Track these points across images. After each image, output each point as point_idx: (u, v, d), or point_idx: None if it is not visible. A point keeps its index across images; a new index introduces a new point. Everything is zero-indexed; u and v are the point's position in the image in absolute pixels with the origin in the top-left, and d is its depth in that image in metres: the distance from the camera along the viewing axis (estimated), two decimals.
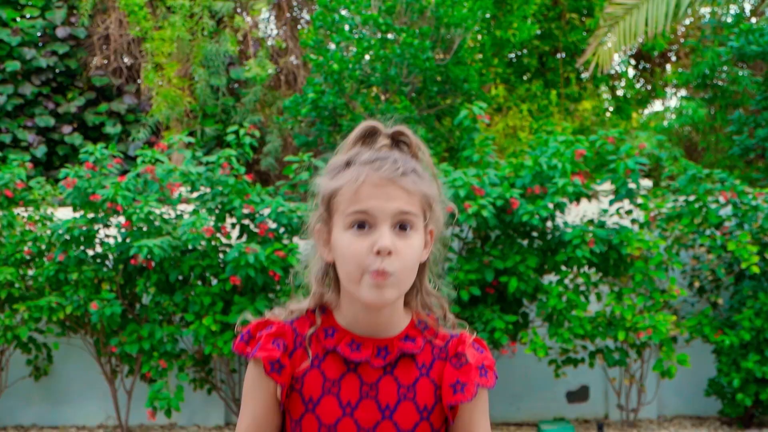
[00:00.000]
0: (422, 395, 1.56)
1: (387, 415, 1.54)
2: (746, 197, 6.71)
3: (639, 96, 13.23)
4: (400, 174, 1.53)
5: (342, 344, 1.56)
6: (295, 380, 1.56)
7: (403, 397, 1.55)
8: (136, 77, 12.09)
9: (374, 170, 1.53)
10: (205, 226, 6.22)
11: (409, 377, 1.56)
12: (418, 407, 1.55)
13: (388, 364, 1.55)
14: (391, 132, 1.62)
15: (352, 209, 1.52)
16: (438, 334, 1.61)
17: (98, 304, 6.27)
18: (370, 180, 1.53)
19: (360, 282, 1.51)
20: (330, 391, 1.55)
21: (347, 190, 1.53)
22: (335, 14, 8.06)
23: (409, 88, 7.87)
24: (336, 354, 1.56)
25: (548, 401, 7.23)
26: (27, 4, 11.64)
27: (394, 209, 1.52)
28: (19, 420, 7.24)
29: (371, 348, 1.55)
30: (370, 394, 1.54)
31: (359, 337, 1.56)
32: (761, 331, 6.56)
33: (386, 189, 1.53)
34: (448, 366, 1.58)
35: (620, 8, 9.03)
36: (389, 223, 1.52)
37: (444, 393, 1.56)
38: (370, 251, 1.50)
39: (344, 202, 1.53)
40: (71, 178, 6.43)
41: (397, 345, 1.56)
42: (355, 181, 1.53)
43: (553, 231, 6.62)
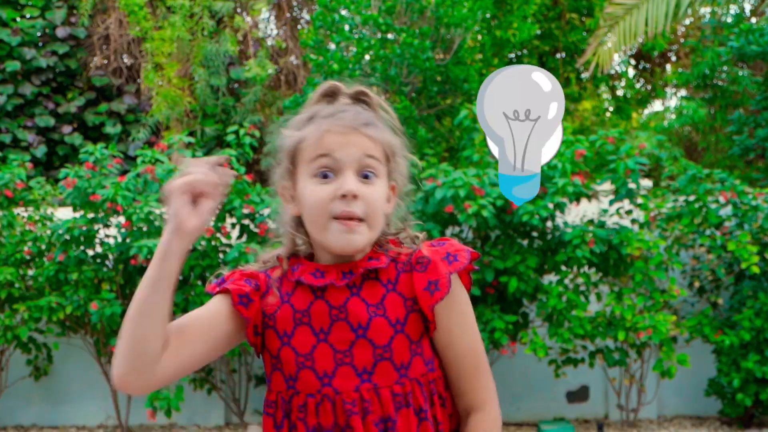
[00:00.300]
0: (392, 309, 1.56)
1: (360, 333, 1.55)
2: (746, 197, 6.71)
3: (639, 96, 13.23)
4: (362, 123, 1.58)
5: (306, 274, 1.58)
6: (268, 318, 1.58)
7: (373, 314, 1.56)
8: (136, 77, 12.08)
9: (337, 120, 1.58)
10: (205, 226, 6.21)
11: (376, 295, 1.57)
12: (390, 321, 1.56)
13: (354, 285, 1.57)
14: (352, 91, 1.66)
15: (315, 154, 1.56)
16: (401, 252, 1.61)
17: (98, 304, 6.27)
18: (334, 129, 1.57)
19: (328, 229, 1.54)
20: (301, 321, 1.57)
21: (311, 139, 1.57)
22: (335, 14, 8.07)
23: (409, 88, 7.87)
24: (303, 285, 1.58)
25: (548, 401, 7.23)
26: (27, 4, 11.64)
27: (357, 154, 1.56)
28: (19, 420, 7.24)
29: (334, 272, 1.57)
30: (340, 317, 1.56)
31: (323, 265, 1.59)
32: (761, 331, 6.56)
33: (349, 136, 1.57)
34: (415, 274, 1.58)
35: (620, 8, 9.03)
36: (353, 168, 1.55)
37: (421, 300, 1.56)
38: (334, 196, 1.54)
39: (308, 150, 1.57)
40: (71, 178, 6.43)
41: (361, 265, 1.58)
42: (318, 130, 1.57)
43: (553, 231, 6.62)
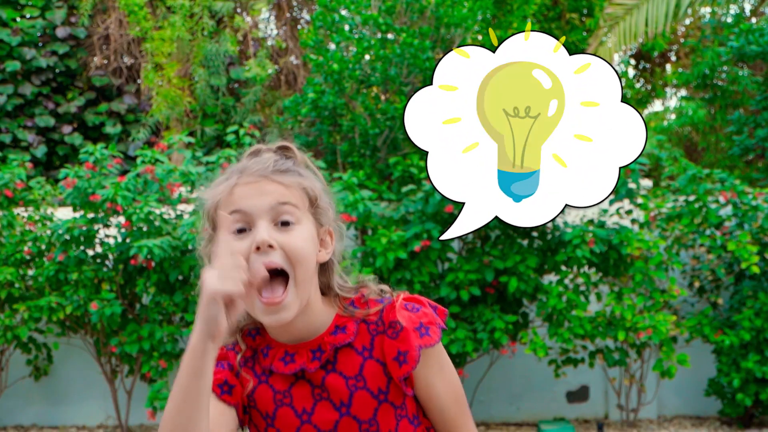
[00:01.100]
0: (372, 379, 1.51)
1: (344, 411, 1.50)
2: (746, 197, 6.71)
3: (639, 96, 13.23)
4: (272, 170, 1.50)
5: (276, 361, 1.52)
6: (249, 399, 1.54)
7: (353, 388, 1.51)
8: (136, 77, 12.08)
9: (245, 171, 1.51)
10: None
11: (353, 366, 1.51)
12: (372, 393, 1.51)
13: (328, 363, 1.51)
14: (276, 146, 1.59)
15: (228, 210, 1.48)
16: (370, 309, 1.54)
17: (98, 304, 6.27)
18: (242, 181, 1.50)
19: (254, 306, 1.46)
20: (282, 403, 1.52)
21: (223, 196, 1.51)
22: (335, 14, 8.06)
23: (409, 88, 7.86)
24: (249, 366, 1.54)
25: (548, 401, 7.23)
26: (27, 4, 11.63)
27: (269, 203, 1.48)
28: (19, 420, 7.24)
29: (304, 354, 1.51)
30: (322, 396, 1.51)
31: (292, 346, 1.52)
32: (761, 331, 6.56)
33: (260, 185, 1.49)
34: (386, 339, 1.51)
35: (620, 8, 9.03)
36: (267, 218, 1.47)
37: (391, 369, 1.51)
38: (249, 250, 1.45)
39: (223, 208, 1.50)
40: (71, 179, 6.43)
41: (327, 341, 1.51)
42: (227, 185, 1.51)
43: (553, 231, 6.62)
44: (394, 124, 7.46)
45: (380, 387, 1.52)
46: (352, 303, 1.56)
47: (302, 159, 1.59)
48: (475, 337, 6.31)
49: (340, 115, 8.02)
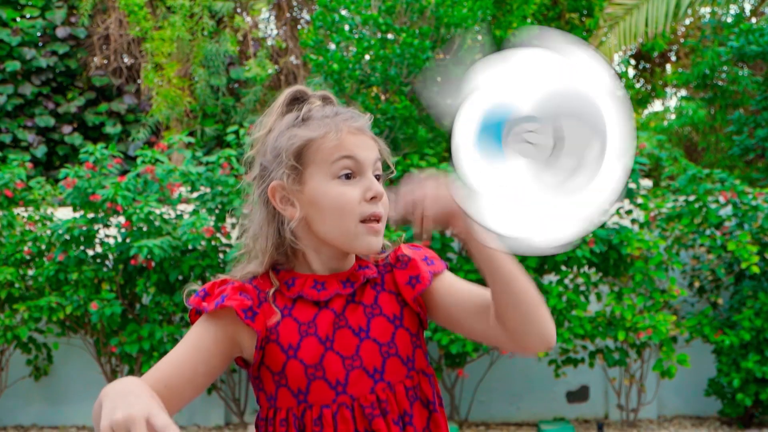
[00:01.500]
0: (387, 306, 1.58)
1: (363, 336, 1.55)
2: (746, 197, 6.71)
3: (639, 96, 13.23)
4: (367, 125, 1.59)
5: (306, 288, 1.56)
6: (269, 332, 1.54)
7: (370, 315, 1.57)
8: (136, 77, 12.09)
9: (347, 120, 1.56)
10: (205, 226, 6.22)
11: (369, 297, 1.58)
12: (388, 318, 1.58)
13: (350, 295, 1.58)
14: (320, 94, 1.64)
15: (337, 155, 1.53)
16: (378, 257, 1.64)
17: (98, 304, 6.27)
18: (349, 129, 1.55)
19: (354, 232, 1.54)
20: (308, 333, 1.54)
21: (331, 138, 1.53)
22: (335, 14, 8.06)
23: (409, 88, 7.86)
24: (304, 299, 1.56)
25: (548, 401, 7.23)
26: (27, 4, 11.64)
27: (374, 157, 1.57)
28: (19, 420, 7.24)
29: (335, 283, 1.57)
30: (340, 324, 1.55)
31: (320, 276, 1.58)
32: (761, 331, 6.56)
33: (363, 138, 1.57)
34: (396, 271, 1.61)
35: (620, 8, 9.04)
36: (371, 170, 1.56)
37: (404, 293, 1.59)
38: (363, 198, 1.53)
39: (325, 151, 1.53)
40: (71, 178, 6.43)
41: (358, 274, 1.58)
42: (336, 130, 1.54)
43: None
44: (394, 124, 7.46)
45: (395, 313, 1.58)
46: None
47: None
48: None
49: None
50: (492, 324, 1.54)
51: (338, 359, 1.53)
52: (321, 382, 1.53)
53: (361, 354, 1.54)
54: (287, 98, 1.63)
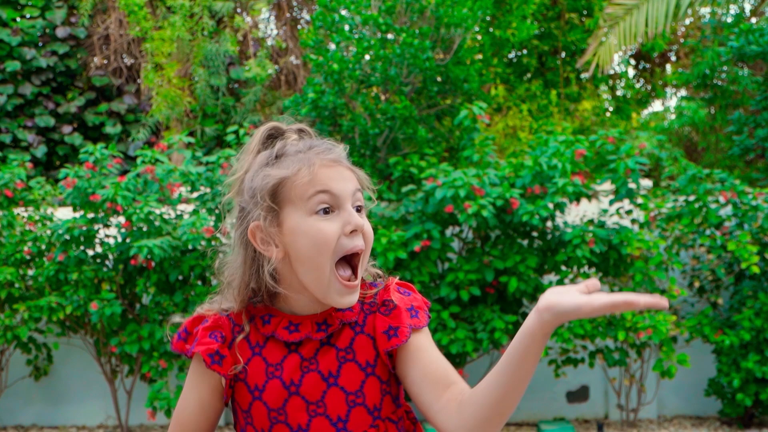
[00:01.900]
0: (361, 352, 1.54)
1: (332, 382, 1.52)
2: (746, 197, 6.71)
3: (639, 96, 13.24)
4: (343, 156, 1.55)
5: (279, 328, 1.54)
6: (235, 369, 1.54)
7: (342, 360, 1.53)
8: (136, 77, 12.09)
9: (321, 153, 1.53)
10: (205, 226, 6.22)
11: (345, 340, 1.54)
12: (360, 365, 1.53)
13: (327, 336, 1.54)
14: (296, 128, 1.62)
15: (313, 191, 1.49)
16: (367, 293, 1.59)
17: (98, 304, 6.27)
18: (322, 162, 1.51)
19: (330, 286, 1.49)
20: (273, 375, 1.53)
21: (304, 174, 1.50)
22: (335, 14, 8.06)
23: (409, 88, 7.86)
24: (275, 338, 1.54)
25: (548, 401, 7.23)
26: (27, 4, 11.64)
27: (352, 188, 1.53)
28: (19, 420, 7.24)
29: (309, 325, 1.54)
30: (311, 368, 1.52)
31: (296, 317, 1.54)
32: (761, 331, 6.56)
33: (338, 169, 1.53)
34: (378, 316, 1.56)
35: (620, 9, 9.03)
36: (350, 202, 1.52)
37: (379, 341, 1.54)
38: (342, 232, 1.49)
39: (302, 187, 1.50)
40: (71, 178, 6.43)
41: (336, 316, 1.54)
42: (309, 165, 1.50)
43: (553, 231, 6.62)
44: (394, 124, 7.46)
45: (368, 360, 1.54)
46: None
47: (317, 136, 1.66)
48: (475, 337, 6.31)
49: (340, 115, 8.02)
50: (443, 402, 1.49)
51: (302, 404, 1.51)
52: (283, 426, 1.51)
53: (326, 401, 1.51)
54: (262, 136, 1.59)
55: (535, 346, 1.41)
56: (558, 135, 6.84)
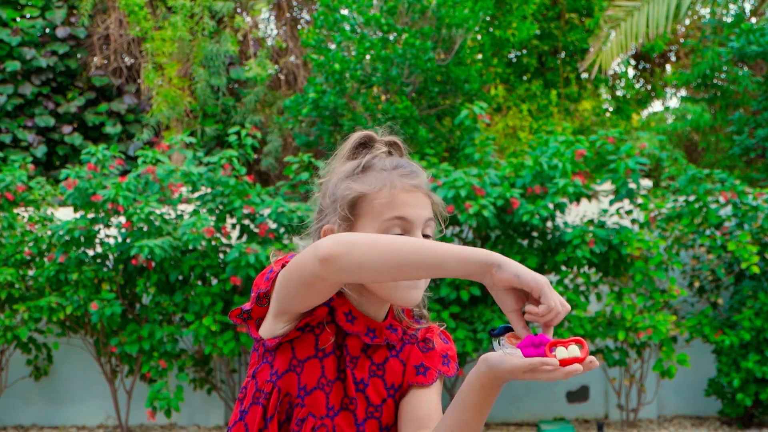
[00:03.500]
0: (391, 374, 1.62)
1: (361, 388, 1.59)
2: (746, 197, 6.71)
3: (639, 96, 13.24)
4: (424, 182, 1.61)
5: (339, 311, 1.58)
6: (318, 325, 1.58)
7: (373, 373, 1.60)
8: (136, 77, 12.09)
9: (404, 177, 1.59)
10: (206, 226, 6.22)
11: (380, 357, 1.62)
12: (386, 384, 1.61)
13: (368, 346, 1.61)
14: (387, 140, 1.68)
15: (391, 215, 1.56)
16: (410, 326, 1.67)
17: (98, 304, 6.27)
18: (404, 187, 1.57)
19: (396, 285, 1.55)
20: (334, 353, 1.58)
21: (384, 195, 1.56)
22: (337, 14, 8.07)
23: (410, 88, 7.87)
24: (331, 324, 1.59)
25: (548, 401, 7.23)
26: (27, 4, 11.64)
27: (425, 216, 1.58)
28: (19, 420, 7.24)
29: (363, 325, 1.59)
30: (350, 366, 1.59)
31: (355, 310, 1.60)
32: (761, 331, 6.56)
33: (417, 195, 1.58)
34: (415, 348, 1.64)
35: (621, 10, 9.05)
36: (420, 229, 1.57)
37: (407, 372, 1.62)
38: None
39: (379, 206, 1.56)
40: (72, 179, 6.43)
41: (385, 333, 1.61)
42: (391, 187, 1.57)
43: (553, 231, 6.62)
44: (395, 124, 7.47)
45: (394, 383, 1.63)
46: (402, 310, 1.68)
47: (405, 151, 1.69)
48: (475, 337, 6.31)
49: (341, 115, 8.03)
50: None
51: (324, 399, 1.57)
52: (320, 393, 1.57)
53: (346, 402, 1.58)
54: (354, 143, 1.66)
55: (474, 396, 1.46)
56: (558, 135, 6.84)
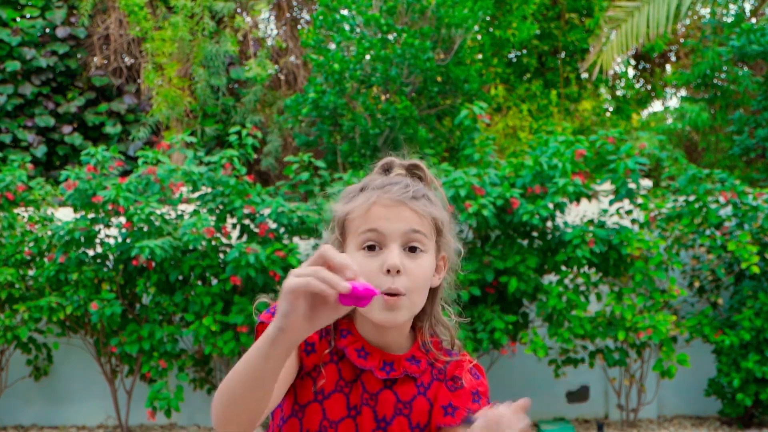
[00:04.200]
0: (417, 413, 1.59)
1: (382, 426, 1.57)
2: (746, 197, 6.71)
3: (639, 96, 13.24)
4: (410, 196, 1.57)
5: (350, 348, 1.57)
6: (314, 367, 1.57)
7: (399, 411, 1.58)
8: (136, 77, 12.09)
9: (385, 192, 1.57)
10: (206, 227, 6.22)
11: (407, 394, 1.59)
12: (411, 423, 1.58)
13: (391, 380, 1.58)
14: (407, 164, 1.66)
15: (362, 228, 1.55)
16: (439, 359, 1.63)
17: (98, 304, 6.27)
18: (381, 201, 1.56)
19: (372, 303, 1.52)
20: (342, 390, 1.57)
21: (358, 211, 1.57)
22: (336, 14, 8.06)
23: (409, 88, 7.87)
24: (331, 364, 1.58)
25: (548, 401, 7.23)
26: (27, 4, 11.64)
27: (403, 229, 1.55)
28: (19, 420, 7.24)
29: (378, 360, 1.58)
30: (369, 403, 1.57)
31: (369, 345, 1.58)
32: (761, 331, 6.56)
33: (397, 210, 1.56)
34: (443, 387, 1.61)
35: (621, 11, 9.04)
36: (398, 242, 1.55)
37: (435, 413, 1.60)
38: (380, 271, 1.52)
39: (355, 222, 1.56)
40: (72, 181, 6.42)
41: (403, 365, 1.59)
42: (366, 202, 1.56)
43: (553, 231, 6.62)
44: (395, 124, 7.47)
45: (420, 423, 1.60)
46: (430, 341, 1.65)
47: (431, 178, 1.66)
48: (475, 337, 6.31)
49: (340, 115, 8.03)
50: None
51: (354, 430, 1.56)
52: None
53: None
54: (377, 168, 1.67)
55: None
56: (558, 135, 6.84)
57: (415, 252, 1.56)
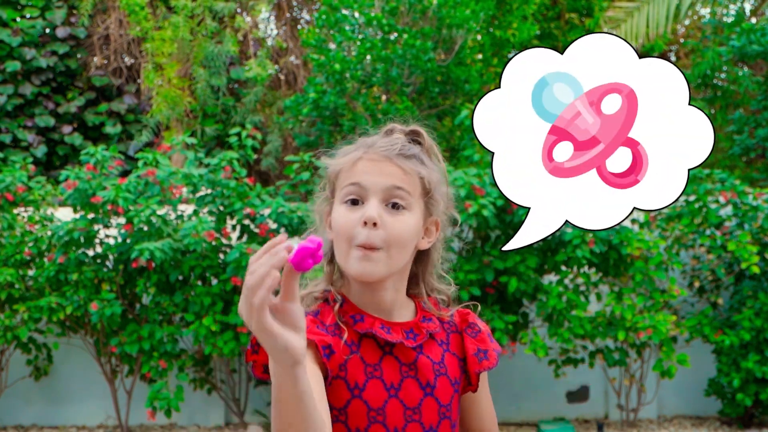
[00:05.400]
0: (451, 369, 1.62)
1: (428, 392, 1.58)
2: (746, 197, 6.71)
3: None
4: (397, 152, 1.57)
5: (376, 327, 1.57)
6: (340, 367, 1.54)
7: (438, 373, 1.60)
8: (136, 77, 12.08)
9: (374, 148, 1.59)
10: (207, 230, 6.21)
11: (437, 354, 1.61)
12: (451, 381, 1.61)
13: (419, 345, 1.59)
14: (408, 129, 1.67)
15: (347, 182, 1.57)
16: (441, 311, 1.67)
17: (98, 305, 6.27)
18: (367, 156, 1.58)
19: (348, 255, 1.54)
20: (373, 375, 1.55)
21: (346, 165, 1.58)
22: (338, 13, 8.06)
23: (410, 88, 7.87)
24: (369, 338, 1.57)
25: (548, 401, 7.23)
26: (27, 4, 11.63)
27: (386, 184, 1.55)
28: (19, 420, 7.24)
29: (400, 332, 1.58)
30: (410, 374, 1.57)
31: (387, 322, 1.59)
32: (761, 331, 6.56)
33: (381, 165, 1.57)
34: (465, 337, 1.65)
35: (621, 11, 9.05)
36: (379, 197, 1.55)
37: (470, 362, 1.63)
38: (358, 223, 1.53)
39: (342, 177, 1.59)
40: (72, 180, 6.42)
41: (423, 327, 1.61)
42: (352, 158, 1.58)
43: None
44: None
45: (456, 377, 1.63)
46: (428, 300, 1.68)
47: (429, 145, 1.66)
48: None
49: (341, 115, 8.03)
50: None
51: (401, 408, 1.55)
52: (380, 426, 1.54)
53: (422, 409, 1.56)
54: (381, 134, 1.67)
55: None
56: None
57: (397, 209, 1.55)
